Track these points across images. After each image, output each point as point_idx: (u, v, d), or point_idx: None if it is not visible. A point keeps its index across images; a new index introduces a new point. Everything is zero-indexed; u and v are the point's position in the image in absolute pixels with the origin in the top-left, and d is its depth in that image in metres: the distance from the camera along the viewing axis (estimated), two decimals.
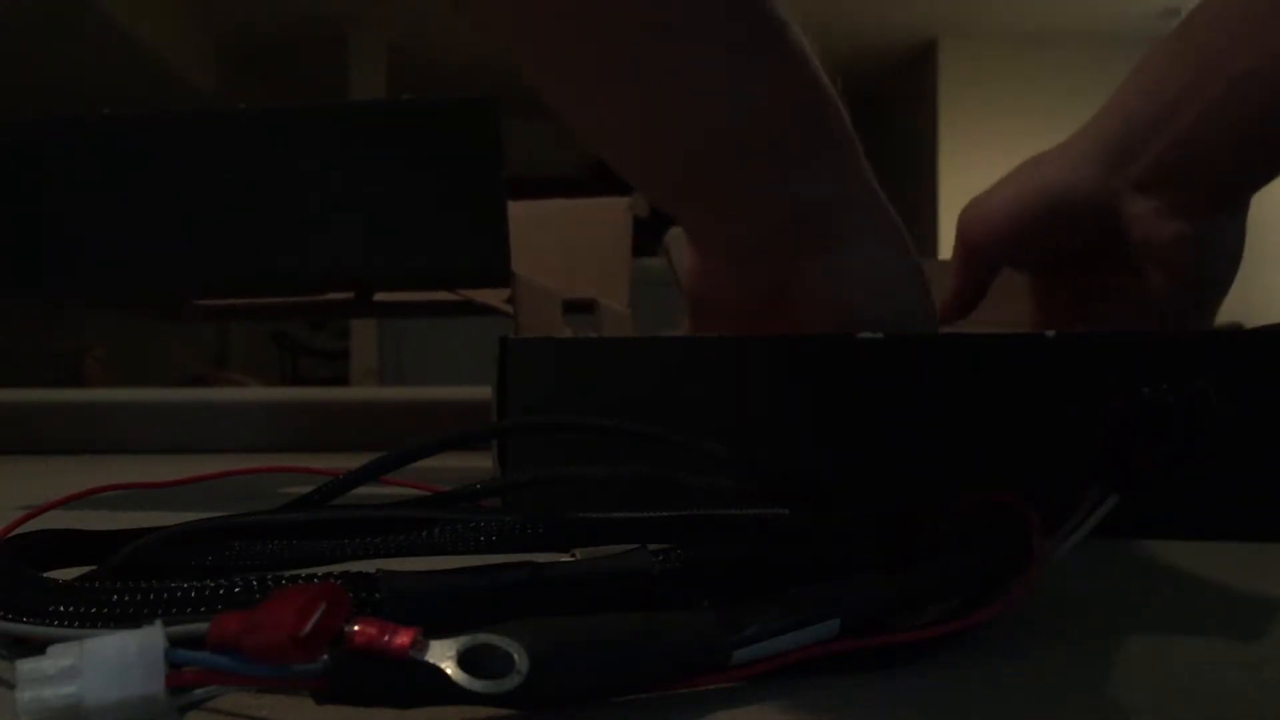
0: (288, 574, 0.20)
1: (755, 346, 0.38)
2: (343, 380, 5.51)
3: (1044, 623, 0.25)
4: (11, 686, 0.16)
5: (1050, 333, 0.36)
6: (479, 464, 0.41)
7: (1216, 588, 0.30)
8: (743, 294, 0.38)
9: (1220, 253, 0.44)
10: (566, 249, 0.84)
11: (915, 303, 0.38)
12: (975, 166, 6.01)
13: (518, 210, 0.50)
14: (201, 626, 0.16)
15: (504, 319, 0.60)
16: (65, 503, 0.32)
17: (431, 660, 0.16)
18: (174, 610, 0.19)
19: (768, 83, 0.35)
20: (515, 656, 0.16)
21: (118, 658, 0.15)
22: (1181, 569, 0.32)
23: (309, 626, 0.16)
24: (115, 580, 0.21)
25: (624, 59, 0.33)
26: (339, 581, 0.19)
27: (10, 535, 0.26)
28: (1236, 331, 0.37)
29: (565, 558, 0.23)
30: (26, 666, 0.15)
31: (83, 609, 0.19)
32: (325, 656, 0.16)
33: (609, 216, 0.88)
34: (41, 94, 5.82)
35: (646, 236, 0.84)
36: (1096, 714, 0.19)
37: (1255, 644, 0.24)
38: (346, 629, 0.16)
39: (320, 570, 0.21)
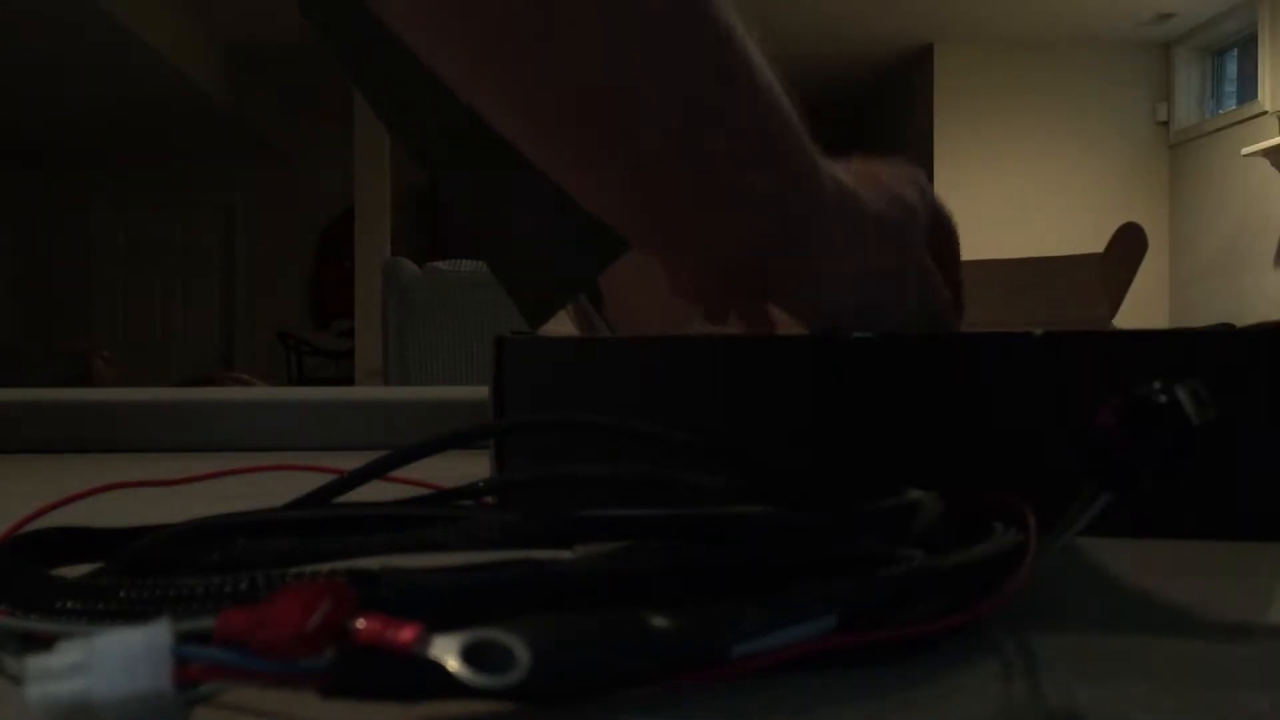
0: (293, 570, 0.20)
1: (752, 346, 0.38)
2: (348, 380, 5.52)
3: (1037, 619, 0.25)
4: (21, 682, 0.16)
5: (1038, 331, 0.36)
6: (479, 463, 0.41)
7: (1207, 586, 0.30)
8: (728, 300, 0.38)
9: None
10: None
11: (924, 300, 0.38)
12: (969, 165, 6.04)
13: None
14: (208, 623, 0.16)
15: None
16: (73, 500, 0.32)
17: (434, 655, 0.16)
18: (181, 606, 0.19)
19: (725, 124, 0.34)
20: (517, 652, 0.17)
21: (125, 653, 0.16)
22: (1173, 567, 0.32)
23: (314, 622, 0.16)
24: (123, 577, 0.22)
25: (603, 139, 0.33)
26: (343, 578, 0.19)
27: (19, 532, 0.26)
28: (1227, 330, 0.37)
29: (565, 555, 0.24)
30: (35, 662, 0.16)
31: (90, 605, 0.20)
32: (330, 652, 0.16)
33: None
34: (51, 99, 5.83)
35: None
36: (1088, 711, 0.19)
37: (1244, 642, 0.24)
38: (351, 625, 0.16)
39: (325, 567, 0.22)
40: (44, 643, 0.18)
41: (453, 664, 0.16)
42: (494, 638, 0.17)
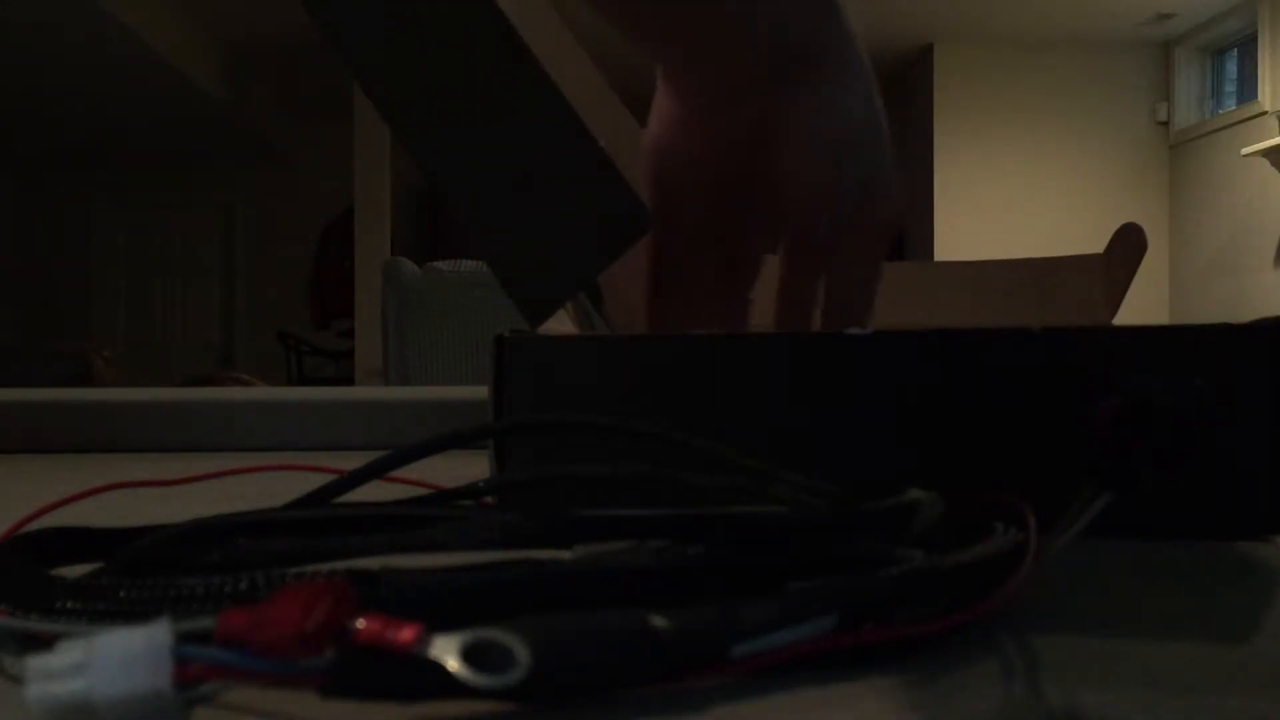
0: (293, 570, 0.20)
1: (751, 344, 0.38)
2: (348, 380, 5.53)
3: (1037, 619, 0.25)
4: (21, 682, 0.16)
5: (1037, 328, 0.36)
6: (479, 463, 0.41)
7: (1207, 586, 0.30)
8: (719, 142, 0.38)
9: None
10: None
11: (882, 144, 0.38)
12: (969, 166, 6.05)
13: None
14: (208, 622, 0.16)
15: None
16: (73, 500, 0.32)
17: (434, 655, 0.16)
18: (181, 606, 0.19)
19: None
20: (517, 652, 0.17)
21: (125, 653, 0.16)
22: (1172, 567, 0.32)
23: (314, 622, 0.16)
24: (123, 577, 0.22)
25: None
26: (343, 578, 0.19)
27: (19, 532, 0.26)
28: (1226, 326, 0.37)
29: (565, 555, 0.24)
30: (36, 662, 0.16)
31: (90, 605, 0.20)
32: (330, 652, 0.16)
33: None
34: (52, 100, 5.83)
35: None
36: (1088, 712, 0.19)
37: (1244, 643, 0.24)
38: (350, 625, 0.16)
39: (325, 567, 0.22)
40: (44, 643, 0.18)
41: (453, 664, 0.16)
42: (494, 638, 0.17)
